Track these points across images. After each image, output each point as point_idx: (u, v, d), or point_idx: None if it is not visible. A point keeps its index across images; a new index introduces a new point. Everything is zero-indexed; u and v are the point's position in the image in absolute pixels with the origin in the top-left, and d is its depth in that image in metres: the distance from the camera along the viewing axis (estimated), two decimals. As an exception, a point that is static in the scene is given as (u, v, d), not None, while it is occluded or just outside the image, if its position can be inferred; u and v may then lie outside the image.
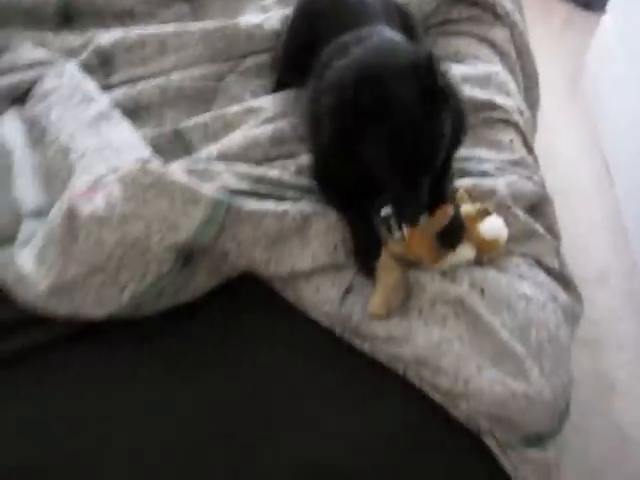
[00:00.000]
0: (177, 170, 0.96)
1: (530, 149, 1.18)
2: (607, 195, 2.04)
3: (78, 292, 0.94)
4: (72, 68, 1.32)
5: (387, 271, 0.97)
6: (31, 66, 1.31)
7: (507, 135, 1.16)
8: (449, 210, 0.96)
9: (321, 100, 0.97)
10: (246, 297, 1.02)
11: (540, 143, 1.88)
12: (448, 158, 1.01)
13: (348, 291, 0.98)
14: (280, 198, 1.00)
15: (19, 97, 1.27)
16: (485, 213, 0.99)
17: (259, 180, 1.01)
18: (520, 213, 1.04)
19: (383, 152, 0.89)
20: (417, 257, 0.98)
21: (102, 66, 1.37)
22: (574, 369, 1.61)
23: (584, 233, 1.97)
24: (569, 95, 2.37)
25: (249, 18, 1.35)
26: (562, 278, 1.03)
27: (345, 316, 0.94)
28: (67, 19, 1.48)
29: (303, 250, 0.97)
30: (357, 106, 0.86)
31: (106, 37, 1.38)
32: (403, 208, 0.93)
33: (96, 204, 0.94)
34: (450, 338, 0.90)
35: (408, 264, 0.99)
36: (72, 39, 1.43)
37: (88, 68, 1.34)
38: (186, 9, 1.48)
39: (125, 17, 1.48)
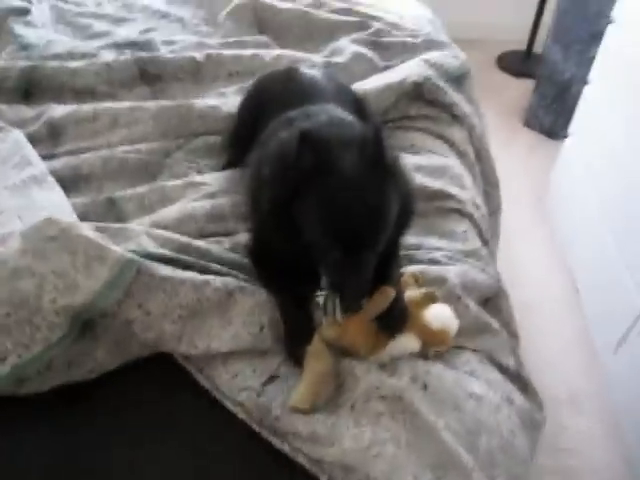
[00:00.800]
0: (86, 225, 0.86)
1: (485, 242, 1.11)
2: (575, 313, 1.97)
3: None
4: (18, 135, 1.28)
5: (317, 359, 0.84)
6: (-22, 131, 1.26)
7: (460, 226, 1.10)
8: (390, 292, 0.86)
9: (262, 170, 0.91)
10: (153, 380, 0.87)
11: (507, 259, 1.84)
12: (395, 241, 0.94)
13: (271, 380, 0.84)
14: (204, 270, 0.89)
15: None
16: (432, 299, 0.89)
17: (182, 249, 0.91)
18: (472, 304, 0.94)
19: (321, 216, 0.80)
20: (352, 345, 0.86)
21: (50, 138, 1.34)
22: (547, 503, 1.45)
23: (552, 352, 1.87)
24: (535, 214, 2.40)
25: (206, 100, 1.34)
26: (519, 379, 0.91)
27: (263, 408, 0.80)
28: (26, 94, 1.47)
29: (223, 329, 0.85)
30: (298, 166, 0.80)
31: (59, 110, 1.37)
32: (342, 289, 0.83)
33: (-11, 259, 0.82)
34: (384, 440, 0.75)
35: (342, 352, 0.86)
36: (25, 111, 1.40)
37: (36, 139, 1.30)
38: (147, 92, 1.47)
39: (85, 96, 1.46)
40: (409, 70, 1.35)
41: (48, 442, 0.82)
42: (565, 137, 2.31)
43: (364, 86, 1.33)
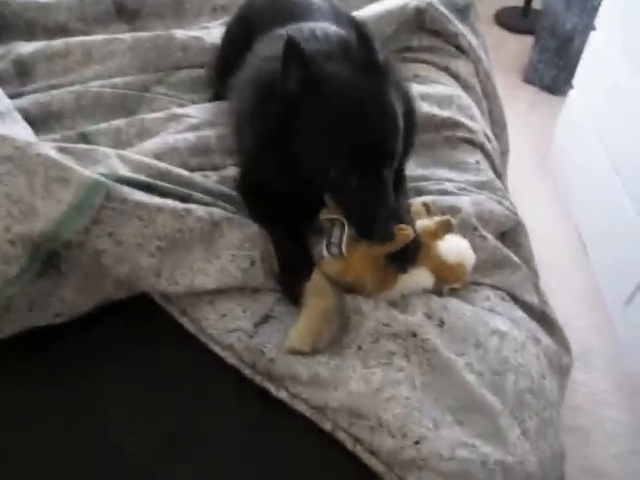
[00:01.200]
0: (47, 145, 0.74)
1: (499, 175, 1.00)
2: (584, 270, 1.88)
3: None
4: (-22, 72, 1.15)
5: (318, 295, 0.74)
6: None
7: (472, 156, 0.99)
8: (409, 233, 0.74)
9: (244, 99, 0.80)
10: (131, 325, 0.76)
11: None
12: (400, 165, 0.83)
13: (265, 320, 0.73)
14: (186, 200, 0.78)
15: None
16: (447, 227, 0.79)
17: (161, 175, 0.79)
18: (489, 237, 0.84)
19: (329, 139, 0.71)
20: (358, 280, 0.76)
21: (19, 76, 1.21)
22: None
23: (562, 310, 1.77)
24: (539, 171, 2.30)
25: (188, 31, 1.22)
26: (544, 318, 0.81)
27: (256, 350, 0.69)
28: (-7, 33, 1.33)
29: (208, 263, 0.74)
30: (287, 92, 0.71)
31: (28, 47, 1.24)
32: (371, 217, 0.71)
33: None
34: (396, 381, 0.65)
35: (346, 290, 0.76)
36: (-9, 51, 1.27)
37: (3, 78, 1.18)
38: (124, 29, 1.34)
39: (58, 34, 1.33)
40: (411, -4, 1.23)
41: (14, 398, 0.71)
42: (567, 91, 2.21)
43: (362, 13, 1.21)
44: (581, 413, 1.50)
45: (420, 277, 0.77)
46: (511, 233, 0.90)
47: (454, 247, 0.78)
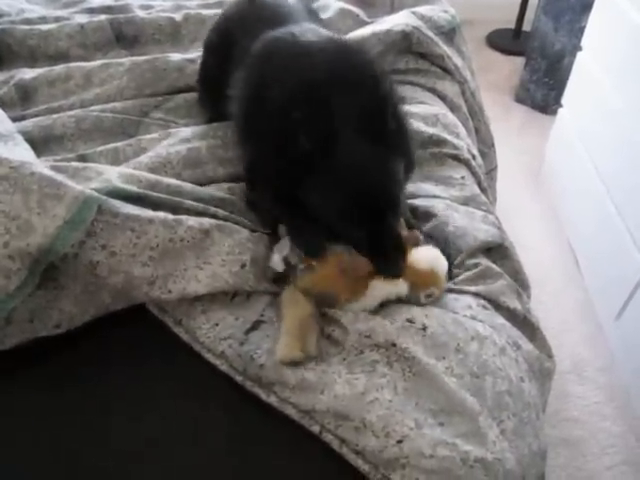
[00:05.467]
0: (41, 163, 0.78)
1: (484, 190, 1.04)
2: (577, 285, 1.90)
3: None
4: (-18, 96, 1.20)
5: (293, 306, 0.76)
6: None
7: (458, 172, 1.02)
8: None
9: (265, 105, 0.82)
10: (127, 335, 0.79)
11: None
12: None
13: (256, 326, 0.76)
14: (176, 209, 0.81)
15: None
16: (415, 241, 0.81)
17: (152, 186, 0.83)
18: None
19: (330, 199, 0.76)
20: (330, 290, 0.78)
21: (21, 100, 1.26)
22: (554, 474, 1.38)
23: (555, 323, 1.80)
24: (531, 188, 2.34)
25: (183, 54, 1.27)
26: (525, 324, 0.84)
27: (247, 357, 0.72)
28: (-4, 60, 1.39)
29: (199, 270, 0.77)
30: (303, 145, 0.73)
31: (30, 72, 1.29)
32: (380, 260, 0.77)
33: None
34: (380, 385, 0.67)
35: (320, 301, 0.78)
36: (-5, 76, 1.32)
37: (6, 102, 1.22)
38: (123, 55, 1.39)
39: (59, 60, 1.38)
40: (397, 20, 1.28)
41: (12, 408, 0.74)
42: (557, 110, 2.26)
43: (350, 36, 1.26)
44: (575, 425, 1.51)
45: (392, 283, 0.78)
46: (497, 247, 0.93)
47: (425, 254, 0.81)
